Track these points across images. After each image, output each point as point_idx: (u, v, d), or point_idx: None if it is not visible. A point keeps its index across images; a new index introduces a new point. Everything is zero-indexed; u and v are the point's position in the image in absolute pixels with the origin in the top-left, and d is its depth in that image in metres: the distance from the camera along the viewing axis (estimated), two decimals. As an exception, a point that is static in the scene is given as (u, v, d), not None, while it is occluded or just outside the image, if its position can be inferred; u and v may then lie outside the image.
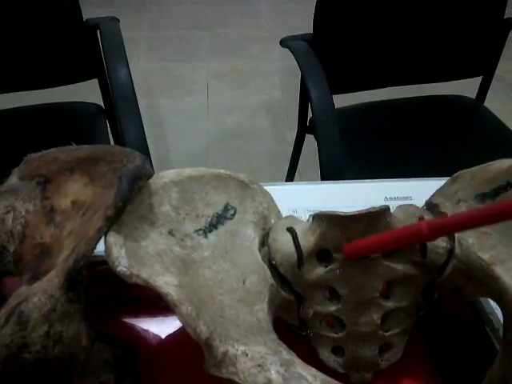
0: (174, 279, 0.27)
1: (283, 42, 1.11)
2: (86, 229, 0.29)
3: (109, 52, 1.04)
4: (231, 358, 0.25)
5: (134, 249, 0.28)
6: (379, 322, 0.35)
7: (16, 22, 1.09)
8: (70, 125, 1.18)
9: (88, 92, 1.28)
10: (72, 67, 1.17)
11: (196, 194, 0.35)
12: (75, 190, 0.34)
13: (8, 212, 0.34)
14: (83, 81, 1.21)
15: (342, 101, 1.15)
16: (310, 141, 1.21)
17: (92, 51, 1.17)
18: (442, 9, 1.09)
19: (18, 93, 1.17)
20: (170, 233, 0.32)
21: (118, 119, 0.96)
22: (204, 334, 0.26)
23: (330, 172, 0.88)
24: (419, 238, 0.30)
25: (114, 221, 0.29)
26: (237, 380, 0.24)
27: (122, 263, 0.27)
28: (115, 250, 0.27)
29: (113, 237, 0.28)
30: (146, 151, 0.97)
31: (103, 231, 0.28)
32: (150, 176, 0.32)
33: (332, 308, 0.35)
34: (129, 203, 0.31)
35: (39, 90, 1.19)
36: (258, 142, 1.86)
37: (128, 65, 1.02)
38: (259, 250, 0.34)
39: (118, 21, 1.17)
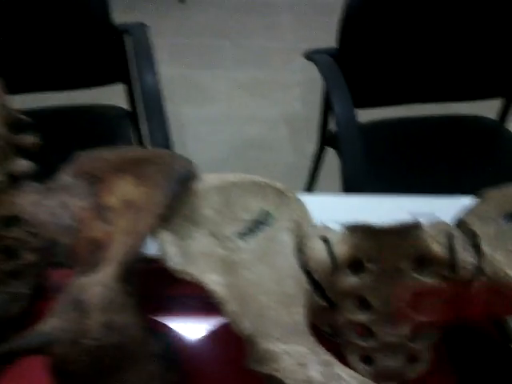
0: (219, 278, 0.29)
1: (307, 55, 1.12)
2: (137, 226, 0.31)
3: (138, 57, 1.06)
4: (273, 355, 0.26)
5: (182, 247, 0.30)
6: (408, 333, 0.36)
7: (47, 25, 1.12)
8: (96, 126, 1.20)
9: (110, 95, 1.31)
10: (99, 71, 1.20)
11: (236, 199, 0.36)
12: (126, 189, 0.36)
13: (62, 208, 0.36)
14: (109, 84, 1.23)
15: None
16: (326, 153, 1.23)
17: (119, 56, 1.19)
18: (467, 28, 1.10)
19: (45, 93, 1.20)
20: (212, 234, 0.33)
21: (147, 123, 0.98)
22: (248, 330, 0.27)
23: (352, 186, 0.89)
24: None
25: (165, 219, 0.30)
26: (278, 376, 0.26)
27: (174, 259, 0.28)
28: (167, 246, 0.29)
29: (165, 234, 0.29)
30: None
31: (154, 228, 0.30)
32: (197, 179, 0.33)
33: (362, 317, 0.36)
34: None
35: (66, 91, 1.22)
36: (277, 153, 1.88)
37: (157, 70, 1.05)
38: (294, 255, 0.35)
39: (147, 27, 1.20)
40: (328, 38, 2.61)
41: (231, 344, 0.29)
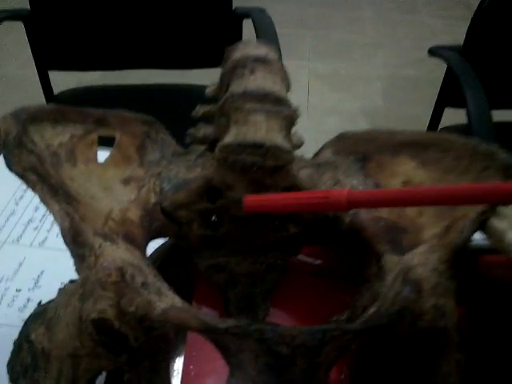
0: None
1: (432, 51, 1.09)
2: (455, 211, 0.30)
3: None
4: None
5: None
6: None
7: (174, 10, 1.13)
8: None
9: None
10: (216, 52, 1.20)
11: None
12: (405, 171, 0.35)
13: (335, 184, 0.35)
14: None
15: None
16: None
17: (236, 39, 1.19)
18: None
19: (162, 70, 1.22)
20: None
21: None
22: None
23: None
24: (336, 207, 0.28)
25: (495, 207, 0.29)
26: None
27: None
28: (509, 235, 0.28)
29: (503, 222, 0.28)
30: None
31: (486, 215, 0.29)
32: None
33: None
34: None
35: (181, 71, 1.23)
36: (358, 147, 1.85)
37: (281, 55, 1.04)
38: None
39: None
40: (411, 36, 2.56)
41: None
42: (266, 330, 0.24)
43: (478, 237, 0.29)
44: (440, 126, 1.19)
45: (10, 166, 0.29)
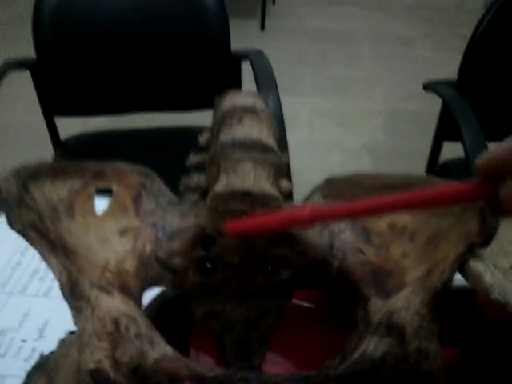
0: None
1: (428, 87, 1.12)
2: (436, 253, 0.31)
3: (262, 83, 1.08)
4: None
5: (497, 278, 0.30)
6: None
7: (172, 54, 1.17)
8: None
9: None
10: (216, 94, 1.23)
11: (502, 232, 0.36)
12: (390, 214, 0.36)
13: (324, 228, 0.36)
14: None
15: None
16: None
17: (236, 80, 1.23)
18: None
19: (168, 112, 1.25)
20: (495, 267, 0.33)
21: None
22: None
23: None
24: (301, 223, 0.31)
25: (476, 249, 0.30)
26: None
27: (496, 291, 0.28)
28: (487, 277, 0.29)
29: (481, 264, 0.29)
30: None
31: (464, 257, 0.30)
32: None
33: None
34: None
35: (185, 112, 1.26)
36: (361, 181, 1.86)
37: (279, 96, 1.07)
38: None
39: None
40: (410, 70, 2.60)
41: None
42: (250, 378, 0.25)
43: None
44: (441, 159, 1.20)
45: (10, 223, 0.31)
